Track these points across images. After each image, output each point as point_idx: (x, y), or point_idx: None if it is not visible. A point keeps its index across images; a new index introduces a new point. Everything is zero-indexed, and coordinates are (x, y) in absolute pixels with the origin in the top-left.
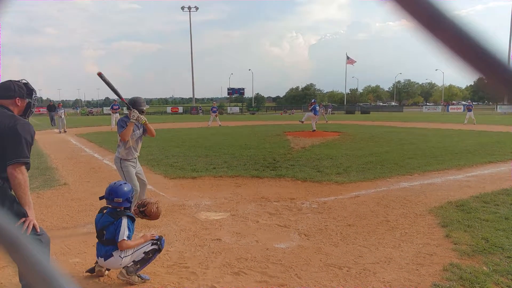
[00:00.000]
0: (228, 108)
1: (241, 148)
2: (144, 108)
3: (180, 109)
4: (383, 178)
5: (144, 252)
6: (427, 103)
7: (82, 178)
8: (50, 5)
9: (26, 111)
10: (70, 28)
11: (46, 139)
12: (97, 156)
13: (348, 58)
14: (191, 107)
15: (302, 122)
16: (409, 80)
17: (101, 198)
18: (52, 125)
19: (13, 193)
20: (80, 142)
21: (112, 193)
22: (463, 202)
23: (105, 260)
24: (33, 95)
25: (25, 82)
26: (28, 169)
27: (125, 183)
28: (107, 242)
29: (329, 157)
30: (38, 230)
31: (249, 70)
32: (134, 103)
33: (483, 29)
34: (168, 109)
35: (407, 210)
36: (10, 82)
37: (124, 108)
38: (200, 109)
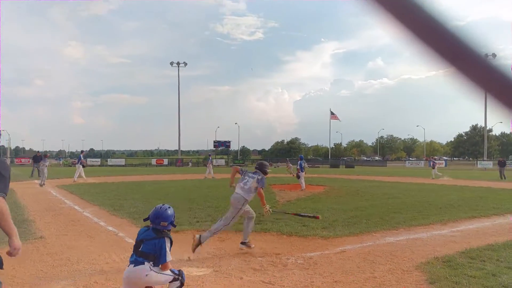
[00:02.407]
0: (214, 160)
1: (226, 200)
2: (268, 171)
3: (165, 161)
4: (368, 233)
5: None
6: (410, 158)
7: (60, 231)
8: (41, 58)
9: None
10: (59, 80)
11: (25, 190)
12: (77, 208)
13: (332, 113)
14: (177, 159)
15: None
16: (391, 135)
17: (145, 219)
18: (31, 176)
19: None
20: (60, 193)
21: (159, 217)
22: (450, 258)
23: (134, 265)
24: None
25: None
26: None
27: (170, 207)
28: (141, 254)
29: (314, 211)
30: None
31: (236, 123)
32: (261, 167)
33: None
34: (153, 161)
35: (394, 266)
36: None
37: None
38: (190, 161)
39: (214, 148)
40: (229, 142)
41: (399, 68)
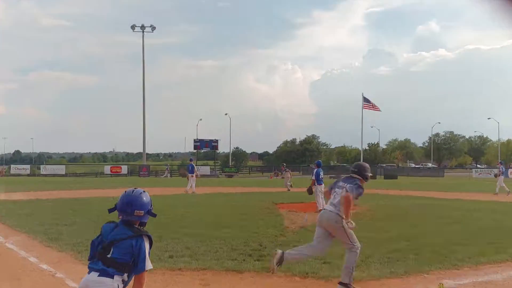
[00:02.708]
0: (195, 167)
1: (212, 226)
2: (369, 175)
3: (124, 169)
4: (418, 274)
5: None
6: (478, 165)
7: None
8: None
9: None
10: None
11: None
12: None
13: (366, 100)
14: (140, 166)
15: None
16: (451, 132)
17: (111, 210)
18: None
19: None
20: None
21: (131, 204)
22: None
23: (99, 275)
24: None
25: None
26: None
27: (144, 191)
28: (111, 263)
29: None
30: None
31: (226, 114)
32: (361, 170)
33: None
34: (107, 169)
35: None
36: None
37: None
38: (167, 169)
39: (195, 150)
40: (216, 141)
41: (462, 34)
